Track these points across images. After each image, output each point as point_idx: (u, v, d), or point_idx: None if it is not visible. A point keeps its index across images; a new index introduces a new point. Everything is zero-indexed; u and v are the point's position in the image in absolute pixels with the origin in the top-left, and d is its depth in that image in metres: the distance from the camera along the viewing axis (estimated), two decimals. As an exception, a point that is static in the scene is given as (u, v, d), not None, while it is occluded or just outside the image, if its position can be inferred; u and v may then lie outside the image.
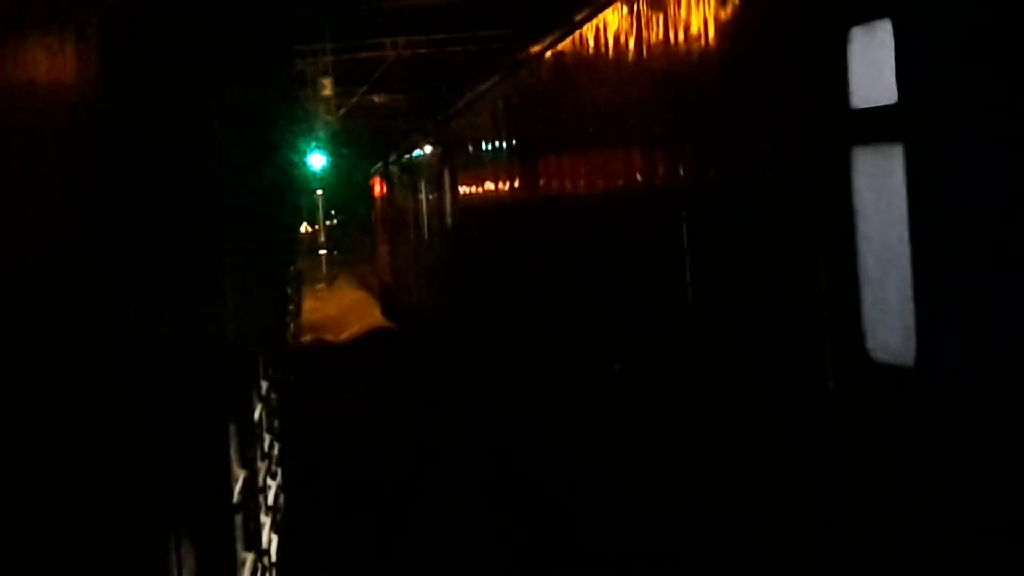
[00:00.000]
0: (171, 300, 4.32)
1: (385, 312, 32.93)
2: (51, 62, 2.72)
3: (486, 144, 14.65)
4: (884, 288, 4.49)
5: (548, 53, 10.13)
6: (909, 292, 4.27)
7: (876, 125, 4.61)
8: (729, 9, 5.85)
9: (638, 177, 7.89)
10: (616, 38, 8.09)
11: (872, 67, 4.53)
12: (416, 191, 24.66)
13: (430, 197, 22.11)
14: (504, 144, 13.16)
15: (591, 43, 8.70)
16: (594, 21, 8.50)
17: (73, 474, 2.70)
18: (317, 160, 40.71)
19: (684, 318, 6.71)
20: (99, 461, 2.96)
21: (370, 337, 28.76)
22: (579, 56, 9.09)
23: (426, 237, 22.99)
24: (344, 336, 29.36)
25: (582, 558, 9.34)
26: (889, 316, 4.43)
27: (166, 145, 4.40)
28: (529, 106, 11.57)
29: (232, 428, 6.24)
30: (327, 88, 32.49)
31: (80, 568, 2.72)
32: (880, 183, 4.57)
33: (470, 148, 16.24)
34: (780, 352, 5.05)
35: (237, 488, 6.18)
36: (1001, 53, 3.81)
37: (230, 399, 6.26)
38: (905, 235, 4.32)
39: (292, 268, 22.63)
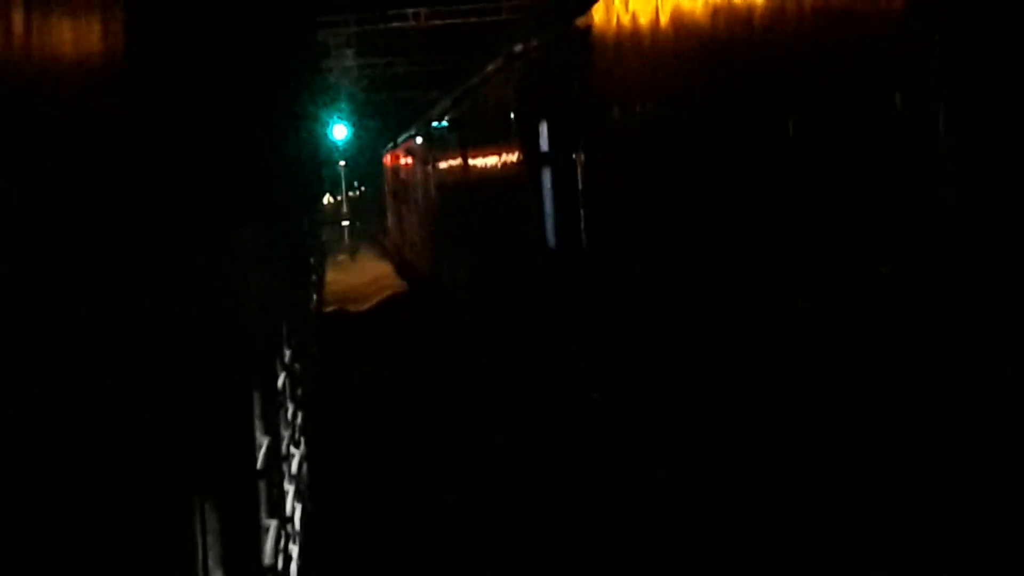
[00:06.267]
0: (197, 270, 4.36)
1: (397, 272, 37.45)
2: (75, 35, 2.76)
3: (447, 146, 22.50)
4: (549, 221, 11.69)
5: (461, 106, 19.72)
6: (552, 222, 11.48)
7: (545, 160, 11.81)
8: (501, 117, 14.71)
9: (486, 174, 16.70)
10: (476, 104, 17.76)
11: (544, 137, 11.79)
12: (411, 175, 32.15)
13: (418, 181, 29.53)
14: (456, 146, 20.63)
15: (476, 104, 17.91)
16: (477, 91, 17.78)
17: (99, 441, 2.74)
18: (340, 131, 40.70)
19: (498, 232, 15.62)
20: (125, 426, 3.00)
21: (391, 307, 28.85)
22: (474, 111, 18.18)
23: (417, 209, 30.47)
24: (366, 307, 29.46)
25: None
26: (550, 231, 11.61)
27: (190, 116, 4.43)
28: (466, 131, 19.61)
29: (256, 395, 6.29)
30: (349, 59, 32.41)
31: (106, 533, 2.76)
32: (549, 183, 11.63)
33: (439, 148, 24.15)
34: (529, 241, 12.71)
35: (261, 455, 6.23)
36: (573, 137, 10.47)
37: (255, 367, 6.31)
38: (550, 204, 11.54)
39: (315, 239, 22.72)
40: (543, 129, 11.66)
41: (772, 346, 5.89)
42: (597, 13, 9.01)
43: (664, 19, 7.20)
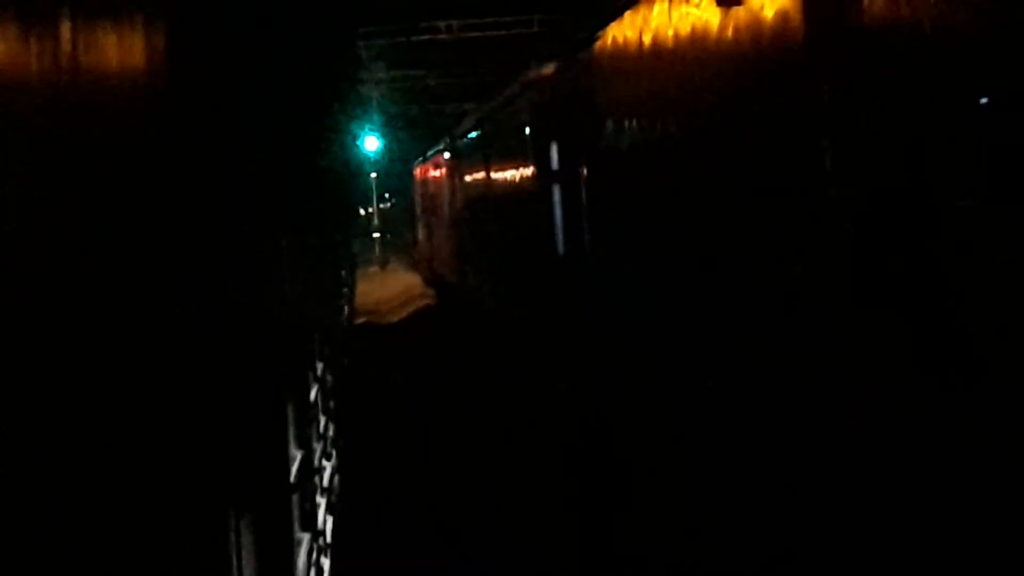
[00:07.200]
0: (232, 282, 4.36)
1: (426, 282, 37.78)
2: (120, 47, 2.77)
3: (473, 162, 24.33)
4: (560, 231, 12.73)
5: (485, 125, 21.65)
6: (561, 233, 12.70)
7: (556, 176, 13.03)
8: (518, 137, 16.30)
9: (507, 189, 18.25)
10: (497, 124, 19.62)
11: (555, 155, 13.06)
12: (439, 188, 33.65)
13: (445, 194, 31.15)
14: (481, 162, 22.30)
15: (497, 124, 19.65)
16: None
17: (136, 454, 2.74)
18: (371, 143, 40.73)
19: (521, 239, 16.64)
20: (161, 439, 3.00)
21: (421, 318, 28.89)
22: (496, 131, 19.93)
23: (445, 221, 31.99)
24: (396, 320, 29.48)
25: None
26: (560, 240, 12.70)
27: (230, 129, 4.44)
28: (489, 148, 21.27)
29: (290, 409, 6.29)
30: (382, 71, 32.45)
31: (143, 547, 2.76)
32: (559, 197, 12.80)
33: (465, 163, 26.13)
34: (543, 250, 13.71)
35: (294, 468, 6.22)
36: (571, 156, 12.33)
37: (288, 380, 6.30)
38: (560, 216, 12.81)
39: (347, 251, 22.80)
40: (554, 148, 13.47)
41: (751, 343, 6.50)
42: (598, 43, 10.26)
43: (644, 50, 8.56)
